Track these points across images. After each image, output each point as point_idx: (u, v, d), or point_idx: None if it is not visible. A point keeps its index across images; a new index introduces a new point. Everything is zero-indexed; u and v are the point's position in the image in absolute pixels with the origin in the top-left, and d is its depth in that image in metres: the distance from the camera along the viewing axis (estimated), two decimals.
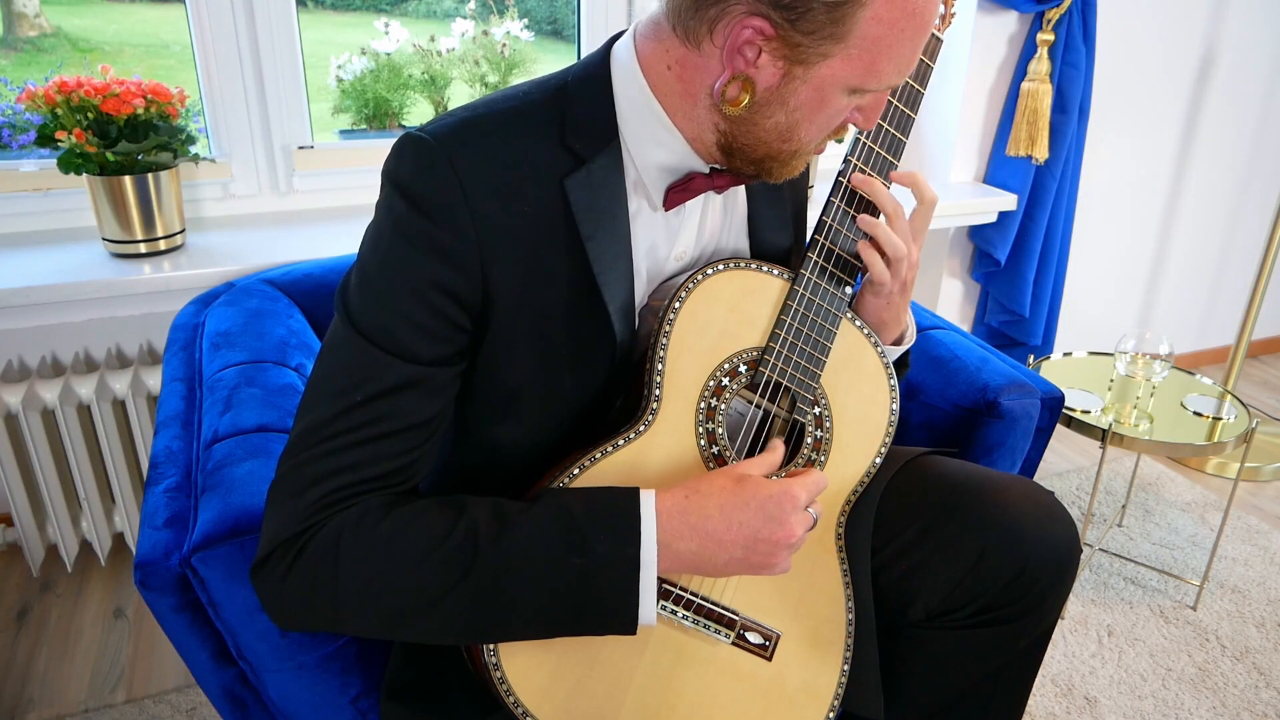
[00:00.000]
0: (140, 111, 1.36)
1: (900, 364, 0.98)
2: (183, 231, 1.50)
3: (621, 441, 0.79)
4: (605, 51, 0.78)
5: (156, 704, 1.43)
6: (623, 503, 0.73)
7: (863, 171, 0.85)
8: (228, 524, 0.79)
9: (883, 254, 0.85)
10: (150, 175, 1.40)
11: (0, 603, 1.65)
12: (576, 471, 0.77)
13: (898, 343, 0.95)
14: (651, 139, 0.77)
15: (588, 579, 0.71)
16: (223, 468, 0.87)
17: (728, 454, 0.82)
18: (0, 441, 1.53)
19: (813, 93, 0.70)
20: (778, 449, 0.82)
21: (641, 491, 0.74)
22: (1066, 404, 1.53)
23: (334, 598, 0.70)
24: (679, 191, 0.79)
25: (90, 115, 1.34)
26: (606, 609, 0.72)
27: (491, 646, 0.76)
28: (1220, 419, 1.67)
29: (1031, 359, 1.88)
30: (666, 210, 0.81)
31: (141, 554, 0.78)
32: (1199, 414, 1.69)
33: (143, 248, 1.44)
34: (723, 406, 0.82)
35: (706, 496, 0.75)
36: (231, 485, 0.84)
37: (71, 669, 1.51)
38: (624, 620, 0.72)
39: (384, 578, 0.70)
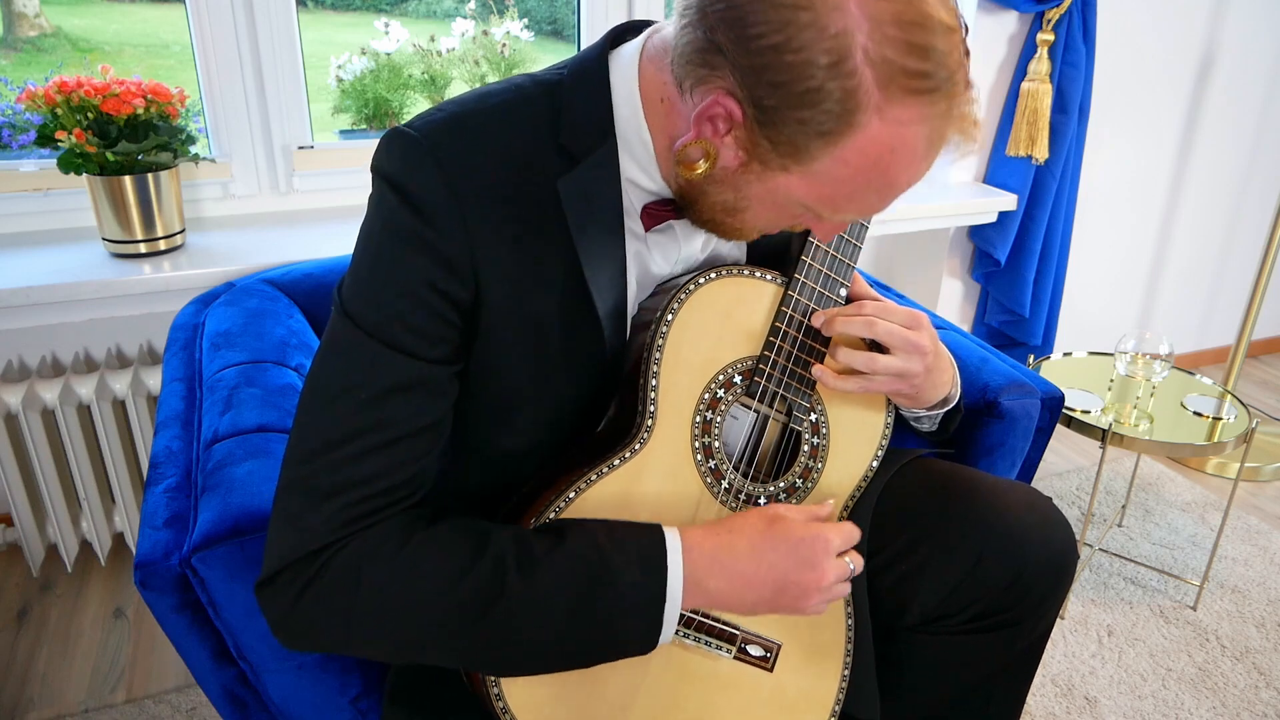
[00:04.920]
0: (140, 111, 1.36)
1: (952, 414, 0.94)
2: (183, 231, 1.49)
3: (617, 461, 0.77)
4: (602, 50, 0.76)
5: (156, 704, 1.43)
6: (649, 539, 0.72)
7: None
8: (228, 524, 0.79)
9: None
10: (150, 175, 1.40)
11: (0, 603, 1.65)
12: (573, 495, 0.76)
13: (943, 404, 0.91)
14: (635, 160, 0.75)
15: (613, 617, 0.70)
16: (223, 468, 0.86)
17: (724, 467, 0.82)
18: (0, 441, 1.53)
19: (765, 193, 0.68)
20: (822, 509, 0.80)
21: (665, 528, 0.73)
22: (1066, 404, 1.53)
23: (347, 625, 0.68)
24: (653, 214, 0.78)
25: (90, 115, 1.34)
26: (627, 643, 0.72)
27: None
28: (1220, 419, 1.67)
29: (1031, 359, 1.88)
30: (646, 231, 0.79)
31: (141, 554, 0.78)
32: (1199, 414, 1.69)
33: (143, 248, 1.44)
34: (718, 419, 0.81)
35: (737, 534, 0.74)
36: (232, 485, 0.84)
37: (71, 669, 1.51)
38: (642, 649, 0.72)
39: (405, 609, 0.68)
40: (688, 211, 0.75)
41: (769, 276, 0.82)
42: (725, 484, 0.82)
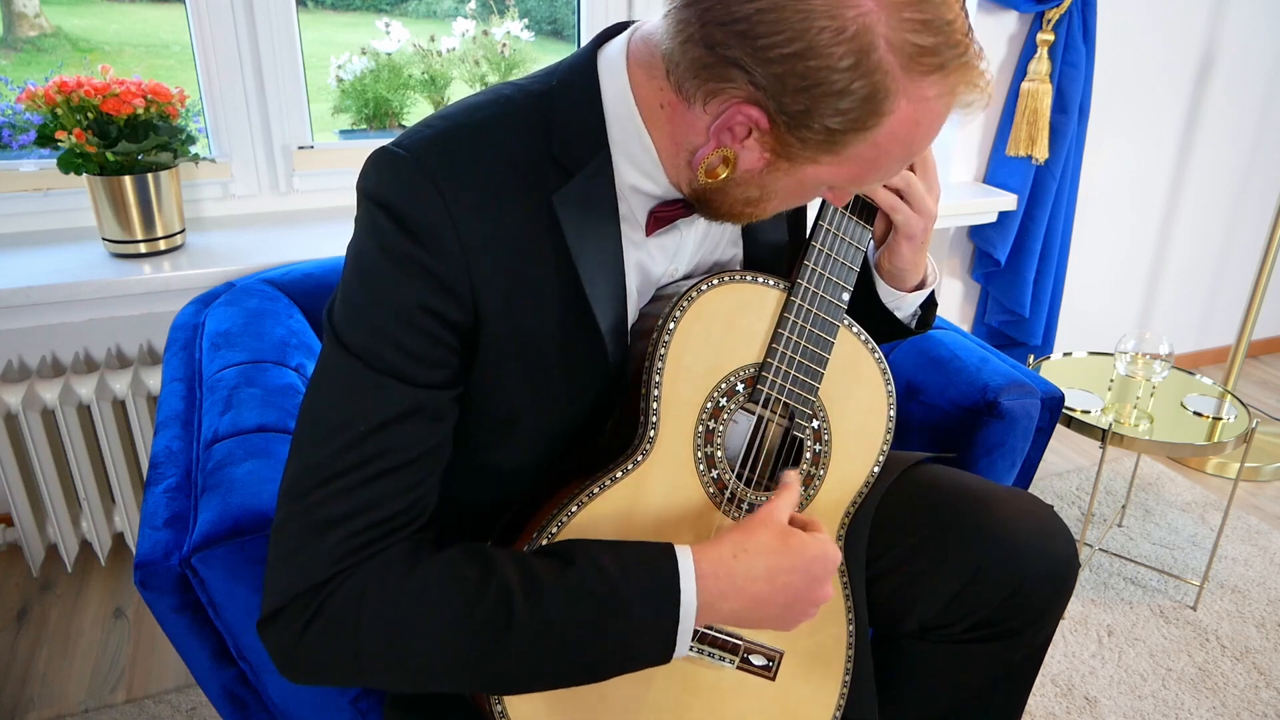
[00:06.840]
0: (140, 111, 1.36)
1: (928, 307, 1.01)
2: (183, 231, 1.50)
3: (619, 474, 0.76)
4: (591, 54, 0.74)
5: (156, 704, 1.43)
6: (660, 568, 0.70)
7: None
8: (228, 524, 0.79)
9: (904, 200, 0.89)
10: (150, 175, 1.40)
11: (0, 603, 1.65)
12: (574, 509, 0.75)
13: (920, 286, 0.96)
14: (636, 166, 0.74)
15: (625, 643, 0.68)
16: (223, 468, 0.86)
17: (727, 477, 0.81)
18: (0, 441, 1.53)
19: (793, 184, 0.69)
20: (794, 485, 0.80)
21: (678, 550, 0.70)
22: (1066, 404, 1.53)
23: (356, 658, 0.66)
24: (662, 217, 0.77)
25: (90, 115, 1.34)
26: (642, 661, 0.70)
27: None
28: (1220, 419, 1.67)
29: (1031, 359, 1.88)
30: (648, 235, 0.78)
31: (141, 554, 0.78)
32: (1199, 414, 1.69)
33: (143, 248, 1.44)
34: (720, 429, 0.80)
35: (754, 555, 0.72)
36: (232, 485, 0.84)
37: (71, 669, 1.51)
38: (657, 664, 0.71)
39: (411, 641, 0.66)
40: (703, 209, 0.75)
41: (771, 282, 0.81)
42: (728, 494, 0.81)
